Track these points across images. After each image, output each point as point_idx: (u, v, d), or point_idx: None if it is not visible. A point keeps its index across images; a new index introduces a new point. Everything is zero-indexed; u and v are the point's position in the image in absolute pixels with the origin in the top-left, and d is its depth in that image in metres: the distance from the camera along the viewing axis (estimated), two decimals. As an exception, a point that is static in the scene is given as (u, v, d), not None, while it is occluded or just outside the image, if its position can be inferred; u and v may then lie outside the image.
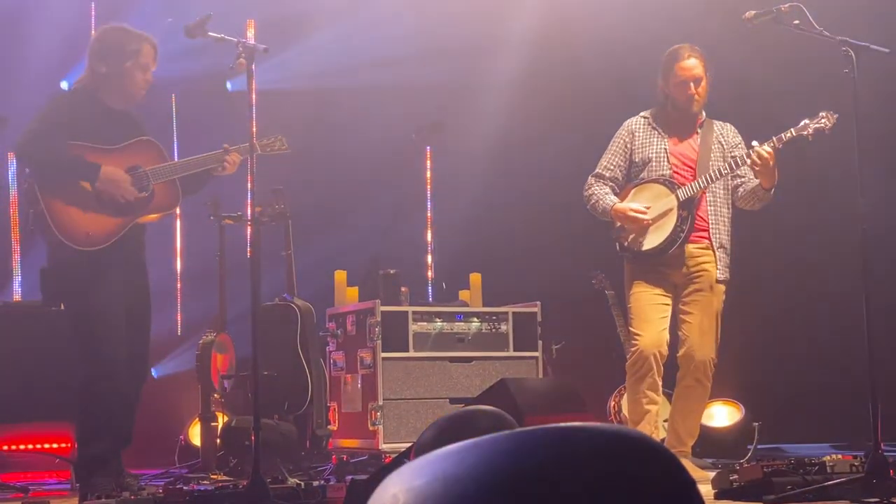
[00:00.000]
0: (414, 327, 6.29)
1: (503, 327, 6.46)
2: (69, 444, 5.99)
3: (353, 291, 6.76)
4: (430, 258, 7.42)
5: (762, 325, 7.92)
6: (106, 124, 5.03)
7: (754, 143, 5.28)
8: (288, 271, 6.92)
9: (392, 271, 6.72)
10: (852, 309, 4.54)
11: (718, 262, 5.47)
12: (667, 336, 5.49)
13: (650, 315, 5.46)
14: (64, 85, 7.79)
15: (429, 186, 7.47)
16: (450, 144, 7.47)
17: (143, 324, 5.14)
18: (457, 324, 6.39)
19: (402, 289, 6.66)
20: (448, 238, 7.72)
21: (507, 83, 8.42)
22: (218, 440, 6.41)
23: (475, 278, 6.79)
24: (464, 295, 6.80)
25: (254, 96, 4.56)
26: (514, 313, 6.52)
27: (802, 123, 5.19)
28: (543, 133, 8.35)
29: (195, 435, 6.63)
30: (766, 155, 5.17)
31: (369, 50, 8.52)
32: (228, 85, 7.94)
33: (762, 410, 7.23)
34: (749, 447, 6.75)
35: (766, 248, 7.97)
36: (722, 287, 5.52)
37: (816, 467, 4.36)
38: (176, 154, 6.86)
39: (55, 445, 6.08)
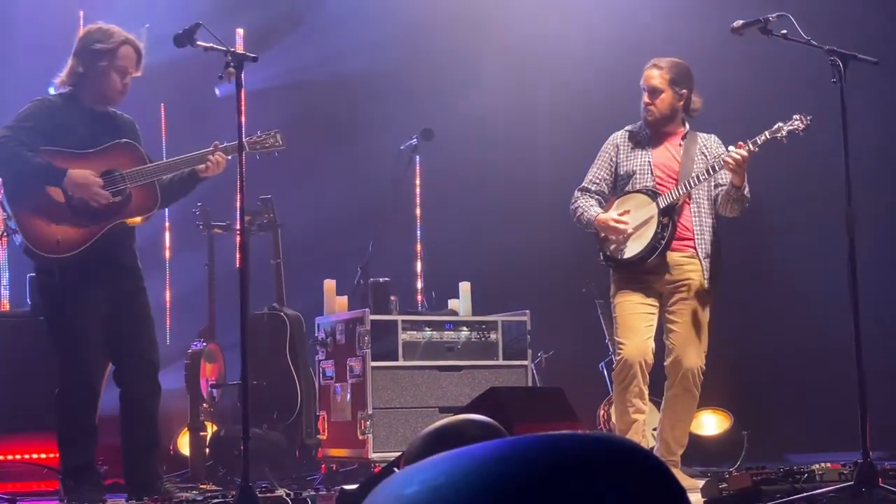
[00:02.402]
0: (403, 336, 6.28)
1: (492, 336, 6.46)
2: (58, 454, 5.96)
3: (343, 300, 6.76)
4: (419, 267, 7.42)
5: (751, 334, 7.93)
6: (85, 127, 4.96)
7: (730, 148, 5.33)
8: (277, 280, 6.92)
9: (381, 280, 6.72)
10: (842, 317, 4.55)
11: (705, 272, 5.49)
12: (652, 344, 5.50)
13: (635, 324, 5.48)
14: (52, 91, 7.78)
15: (418, 195, 7.47)
16: (439, 152, 7.47)
17: (140, 327, 5.06)
18: (446, 333, 6.39)
19: (392, 297, 6.66)
20: (438, 247, 7.72)
21: (498, 91, 8.43)
22: (207, 450, 6.40)
23: (465, 287, 6.79)
24: (453, 304, 6.80)
25: (243, 107, 4.54)
26: (503, 322, 6.52)
27: (776, 126, 5.23)
28: (534, 142, 8.36)
29: (184, 444, 6.62)
30: (739, 157, 5.21)
31: (361, 54, 8.53)
32: (217, 91, 7.93)
33: (751, 419, 7.24)
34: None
35: (755, 257, 7.98)
36: (708, 296, 5.53)
37: (805, 475, 4.37)
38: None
39: (43, 455, 6.05)
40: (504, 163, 8.37)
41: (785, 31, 4.62)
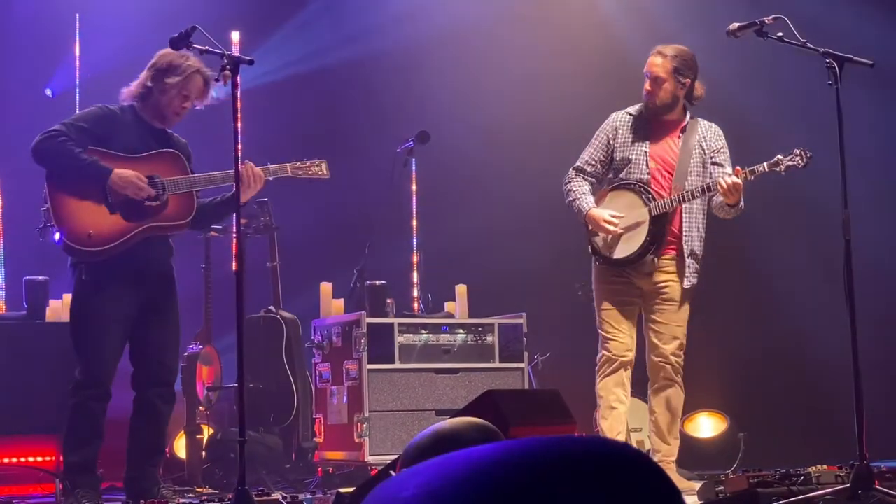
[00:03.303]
0: (400, 339, 6.28)
1: (489, 339, 6.46)
2: (53, 458, 5.96)
3: (339, 303, 6.76)
4: (415, 270, 7.42)
5: (748, 336, 7.93)
6: (139, 138, 5.06)
7: (727, 169, 5.34)
8: (274, 283, 6.92)
9: (378, 283, 6.72)
10: (838, 319, 4.55)
11: (687, 270, 5.51)
12: (634, 338, 5.58)
13: (619, 317, 5.55)
14: (48, 92, 7.79)
15: (415, 198, 7.47)
16: (436, 155, 7.47)
17: (164, 335, 5.10)
18: (442, 335, 6.39)
19: (388, 300, 6.65)
20: (434, 249, 7.72)
21: (495, 94, 8.43)
22: (203, 453, 6.39)
23: (461, 290, 6.79)
24: (450, 306, 6.80)
25: (239, 113, 4.53)
26: (499, 325, 6.52)
27: (776, 159, 5.22)
28: (530, 144, 8.36)
29: (180, 447, 6.61)
30: (733, 184, 5.22)
31: (356, 55, 8.54)
32: (213, 92, 7.91)
33: (748, 421, 7.24)
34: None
35: (752, 259, 7.99)
36: (689, 293, 5.55)
37: (802, 478, 4.37)
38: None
39: (39, 459, 6.05)
40: (500, 165, 8.37)
41: (781, 34, 4.63)
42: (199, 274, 6.70)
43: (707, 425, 7.40)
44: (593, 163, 5.66)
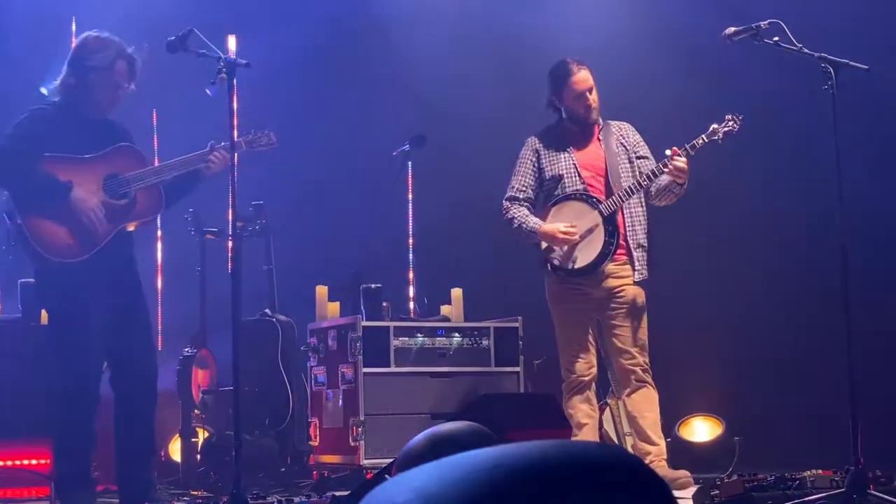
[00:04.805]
0: (395, 342, 6.27)
1: (484, 342, 6.46)
2: (48, 461, 5.95)
3: (335, 306, 6.75)
4: (411, 273, 7.42)
5: (743, 340, 7.93)
6: (82, 134, 4.95)
7: (668, 151, 5.37)
8: (269, 286, 6.92)
9: (373, 286, 6.71)
10: (834, 322, 4.55)
11: (636, 263, 5.55)
12: (595, 353, 5.65)
13: (580, 337, 5.61)
14: (44, 91, 7.78)
15: (410, 201, 7.47)
16: (432, 158, 7.47)
17: (139, 333, 5.06)
18: (438, 339, 6.38)
19: (384, 304, 6.65)
20: (430, 253, 7.72)
21: (491, 97, 8.43)
22: (198, 456, 6.39)
23: (457, 293, 6.79)
24: (445, 310, 6.79)
25: (235, 111, 4.54)
26: (495, 328, 6.52)
27: (711, 129, 5.34)
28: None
29: (175, 451, 6.61)
30: (682, 165, 5.27)
31: (352, 61, 8.54)
32: (208, 91, 7.89)
33: (743, 425, 7.24)
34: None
35: (746, 260, 7.99)
36: (642, 290, 5.59)
37: (797, 482, 4.38)
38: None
39: (34, 461, 6.04)
40: (497, 168, 8.36)
41: (777, 39, 4.64)
42: (195, 277, 6.70)
43: (702, 429, 7.40)
44: (524, 188, 5.72)
